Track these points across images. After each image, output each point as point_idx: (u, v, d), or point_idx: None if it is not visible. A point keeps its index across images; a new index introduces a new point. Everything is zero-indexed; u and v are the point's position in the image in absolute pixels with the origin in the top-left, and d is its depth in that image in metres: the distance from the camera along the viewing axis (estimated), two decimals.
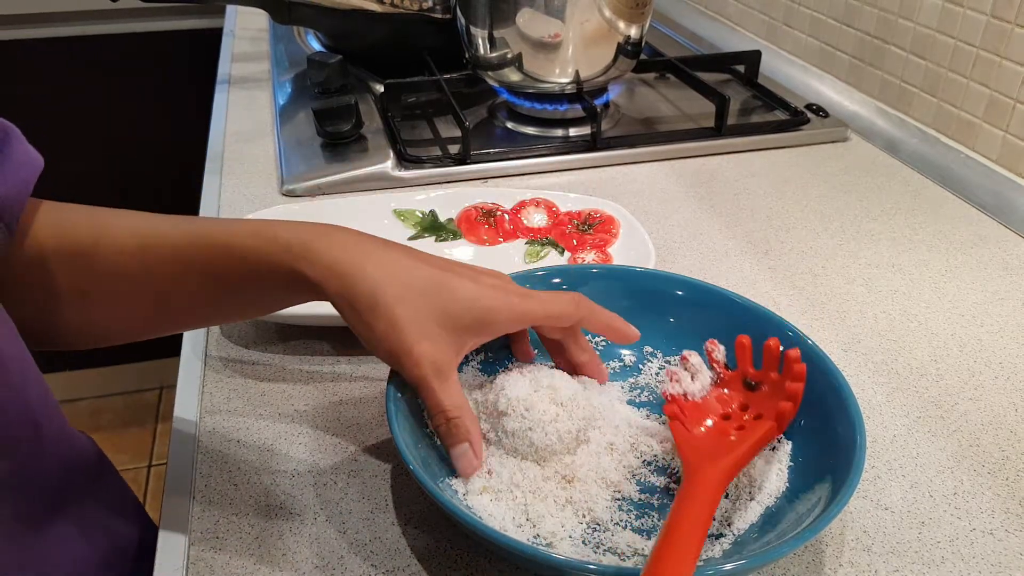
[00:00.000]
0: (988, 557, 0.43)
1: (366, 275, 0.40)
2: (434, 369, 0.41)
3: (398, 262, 0.42)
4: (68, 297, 0.43)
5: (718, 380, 0.49)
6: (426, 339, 0.41)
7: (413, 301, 0.41)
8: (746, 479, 0.44)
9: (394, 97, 0.89)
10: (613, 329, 0.48)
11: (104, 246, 0.43)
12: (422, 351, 0.40)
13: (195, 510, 0.45)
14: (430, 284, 0.42)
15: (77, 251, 0.43)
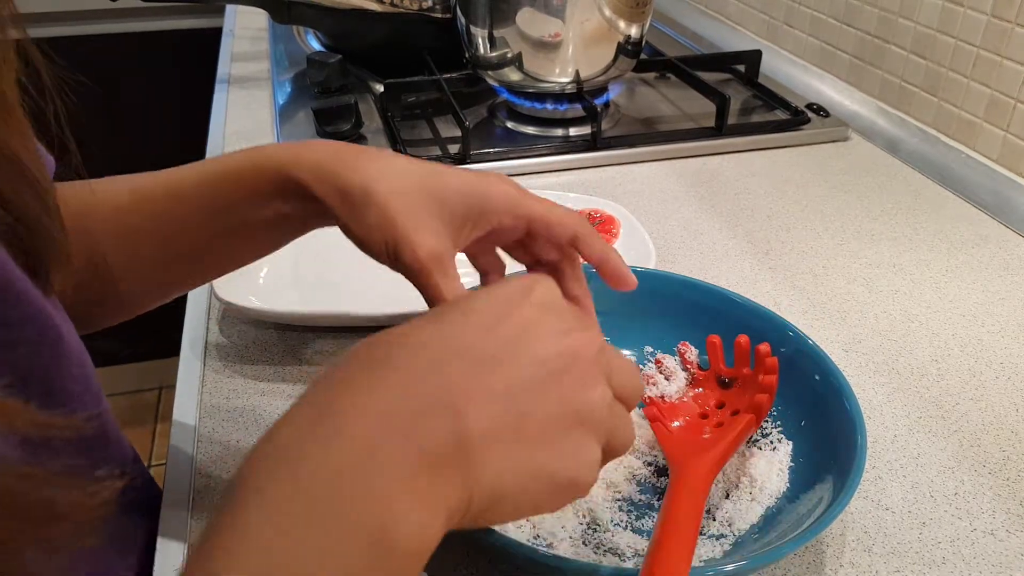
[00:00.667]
0: (989, 557, 0.43)
1: (357, 168, 0.39)
2: (433, 258, 0.38)
3: (390, 157, 0.41)
4: (83, 271, 0.42)
5: (692, 380, 0.50)
6: (422, 227, 0.38)
7: (407, 192, 0.39)
8: (747, 479, 0.44)
9: (394, 97, 0.89)
10: (608, 264, 0.41)
11: (101, 206, 0.43)
12: (418, 239, 0.38)
13: (194, 511, 0.45)
14: (423, 174, 0.40)
15: (75, 219, 0.42)
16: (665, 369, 0.51)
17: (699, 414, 0.48)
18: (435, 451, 0.26)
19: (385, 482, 0.25)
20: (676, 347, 0.52)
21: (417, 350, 0.29)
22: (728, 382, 0.49)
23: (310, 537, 0.24)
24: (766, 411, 0.45)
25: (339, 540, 0.24)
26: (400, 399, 0.27)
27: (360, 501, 0.25)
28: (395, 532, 0.25)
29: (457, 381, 0.28)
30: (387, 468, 0.25)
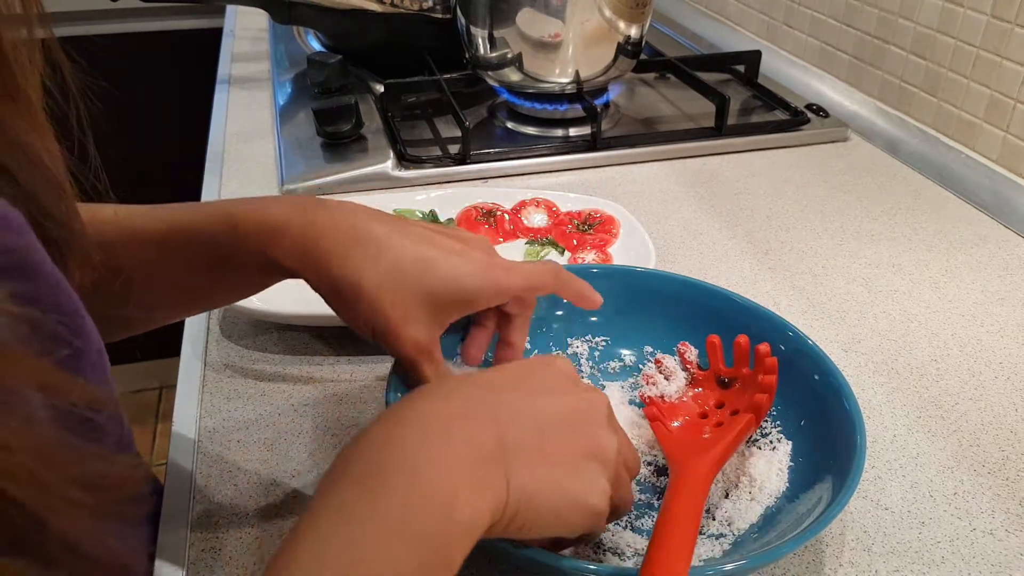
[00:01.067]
0: (988, 557, 0.43)
1: (345, 262, 0.40)
2: (420, 349, 0.42)
3: (379, 243, 0.41)
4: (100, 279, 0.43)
5: (692, 380, 0.50)
6: (409, 321, 0.41)
7: (396, 284, 0.41)
8: (746, 479, 0.44)
9: (394, 97, 0.89)
10: (582, 296, 0.47)
11: (108, 238, 0.43)
12: (406, 332, 0.41)
13: (195, 510, 0.45)
14: (413, 265, 0.41)
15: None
16: (665, 369, 0.51)
17: (699, 414, 0.48)
18: (484, 447, 0.32)
19: (450, 471, 0.31)
20: (676, 347, 0.52)
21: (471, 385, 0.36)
22: (728, 382, 0.49)
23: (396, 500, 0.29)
24: (766, 411, 0.45)
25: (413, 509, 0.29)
26: (458, 406, 0.34)
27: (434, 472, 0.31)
28: (458, 502, 0.30)
29: (497, 407, 0.35)
30: (451, 450, 0.31)
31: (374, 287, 0.40)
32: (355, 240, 0.41)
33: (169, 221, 0.44)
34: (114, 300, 0.42)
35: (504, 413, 0.34)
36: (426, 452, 0.31)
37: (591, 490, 0.35)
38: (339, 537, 0.29)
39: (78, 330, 0.32)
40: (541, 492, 0.33)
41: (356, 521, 0.29)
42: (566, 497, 0.34)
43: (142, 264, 0.44)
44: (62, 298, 0.32)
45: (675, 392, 0.49)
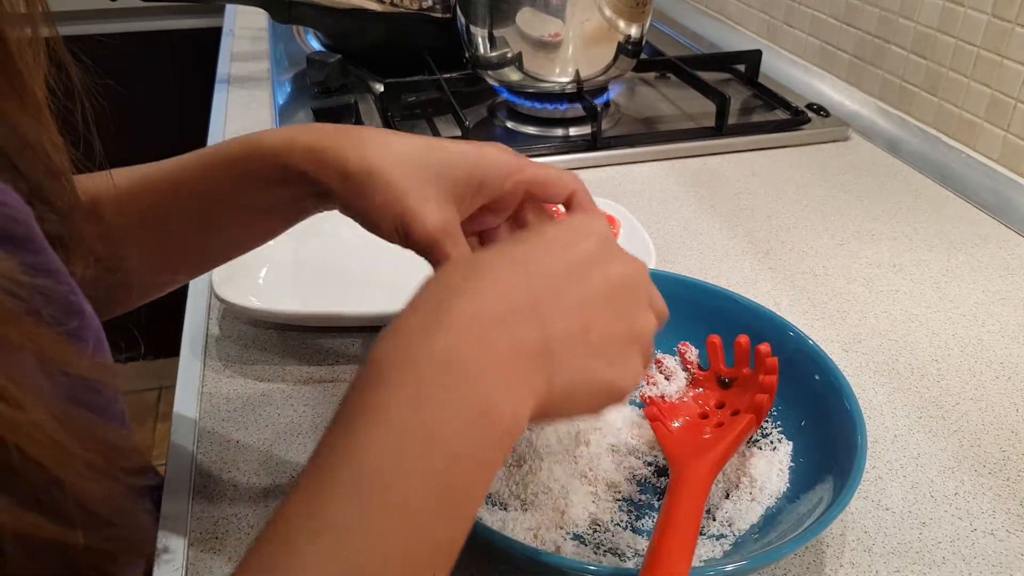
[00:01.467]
0: (989, 558, 0.43)
1: (356, 147, 0.40)
2: (442, 230, 0.40)
3: (387, 135, 0.41)
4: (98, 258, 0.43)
5: (692, 380, 0.50)
6: (427, 201, 0.40)
7: (407, 166, 0.40)
8: (747, 479, 0.44)
9: (394, 96, 0.89)
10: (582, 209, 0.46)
11: (103, 202, 0.44)
12: (426, 213, 0.39)
13: (194, 510, 0.45)
14: (422, 147, 0.41)
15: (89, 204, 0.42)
16: (665, 369, 0.51)
17: (699, 414, 0.48)
18: (526, 348, 0.31)
19: (488, 369, 0.30)
20: (676, 347, 0.52)
21: (510, 266, 0.33)
22: (728, 382, 0.49)
23: (428, 412, 0.28)
24: (766, 411, 0.45)
25: (453, 414, 0.29)
26: (498, 305, 0.31)
27: (470, 383, 0.29)
28: (496, 410, 0.29)
29: (541, 294, 0.32)
30: (489, 357, 0.30)
31: (387, 171, 0.39)
32: (364, 137, 0.41)
33: (181, 160, 0.44)
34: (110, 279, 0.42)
35: (547, 304, 0.32)
36: (465, 360, 0.30)
37: (626, 375, 0.34)
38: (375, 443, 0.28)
39: (80, 312, 0.32)
40: (580, 385, 0.33)
41: (392, 427, 0.28)
42: (602, 387, 0.34)
43: (156, 209, 0.44)
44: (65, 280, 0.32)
45: (675, 392, 0.49)
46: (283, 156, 0.41)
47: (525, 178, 0.42)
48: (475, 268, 0.33)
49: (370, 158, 0.40)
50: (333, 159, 0.40)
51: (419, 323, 0.31)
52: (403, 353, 0.30)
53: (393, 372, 0.30)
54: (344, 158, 0.40)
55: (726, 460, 0.43)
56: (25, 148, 0.32)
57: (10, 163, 0.31)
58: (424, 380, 0.29)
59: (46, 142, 0.34)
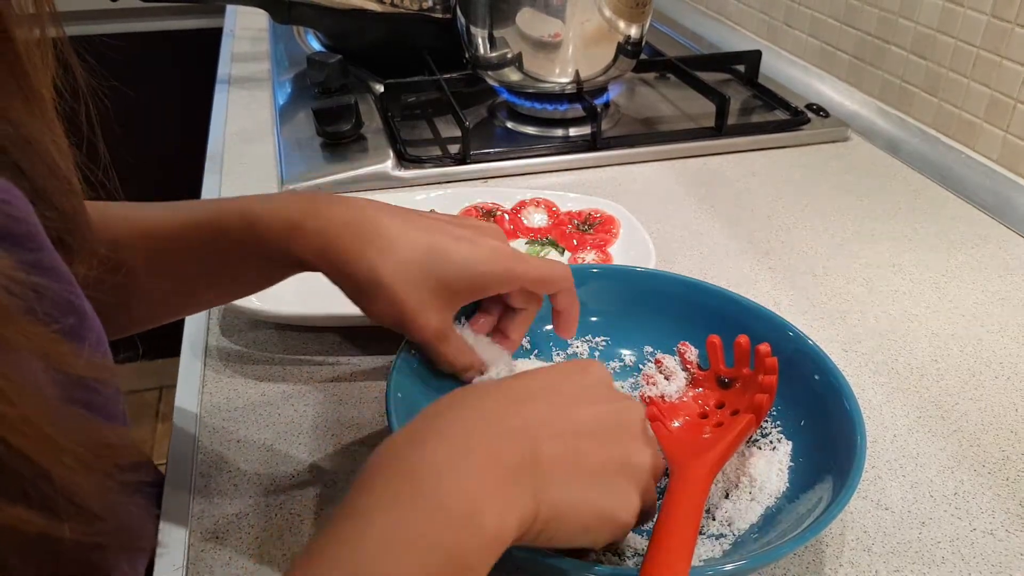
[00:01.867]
0: (988, 557, 0.43)
1: (363, 258, 0.42)
2: (437, 334, 0.44)
3: (391, 236, 0.43)
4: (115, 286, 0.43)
5: (692, 380, 0.50)
6: (424, 308, 0.43)
7: (410, 276, 0.42)
8: (746, 479, 0.44)
9: (394, 97, 0.89)
10: (570, 314, 0.48)
11: (115, 236, 0.44)
12: (423, 320, 0.43)
13: (195, 510, 0.45)
14: (425, 254, 0.43)
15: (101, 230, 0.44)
16: (665, 369, 0.51)
17: (699, 414, 0.48)
18: (514, 467, 0.32)
19: (475, 482, 0.31)
20: (676, 347, 0.52)
21: (502, 396, 0.35)
22: (728, 382, 0.49)
23: (415, 514, 0.29)
24: (766, 411, 0.45)
25: (439, 516, 0.29)
26: (487, 424, 0.33)
27: (453, 485, 0.30)
28: (481, 516, 0.30)
29: (533, 419, 0.34)
30: (476, 472, 0.31)
31: (389, 281, 0.42)
32: (369, 235, 0.42)
33: (182, 218, 0.45)
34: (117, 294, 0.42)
35: (537, 425, 0.34)
36: (452, 466, 0.31)
37: (622, 506, 0.35)
38: (361, 546, 0.29)
39: (80, 311, 0.32)
40: (572, 508, 0.33)
41: (378, 530, 0.29)
42: (596, 514, 0.34)
43: (153, 260, 0.45)
44: (64, 279, 0.32)
45: (675, 392, 0.49)
46: (288, 244, 0.42)
47: (522, 282, 0.45)
48: (469, 396, 0.35)
49: (377, 268, 0.42)
50: (340, 262, 0.42)
51: (409, 436, 0.33)
52: (391, 461, 0.32)
53: (380, 479, 0.31)
54: (351, 266, 0.42)
55: (726, 460, 0.43)
56: (29, 148, 0.32)
57: (13, 163, 0.32)
58: (410, 485, 0.30)
59: (50, 143, 0.34)
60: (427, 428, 0.33)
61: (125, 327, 0.48)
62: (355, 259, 0.42)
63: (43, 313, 0.27)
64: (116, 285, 0.42)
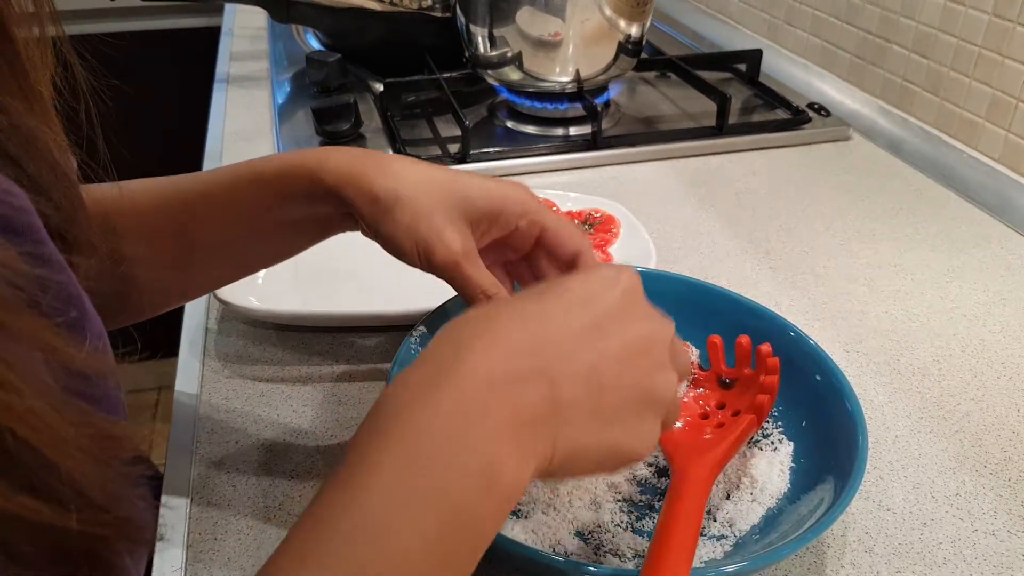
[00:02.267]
0: (990, 558, 0.43)
1: (385, 172, 0.42)
2: (464, 253, 0.42)
3: (413, 163, 0.44)
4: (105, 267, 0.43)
5: (693, 381, 0.50)
6: (448, 226, 0.42)
7: (432, 194, 0.42)
8: (748, 480, 0.44)
9: (393, 96, 0.89)
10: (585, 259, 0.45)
11: (127, 206, 0.45)
12: (451, 236, 0.42)
13: (194, 510, 0.45)
14: (446, 177, 0.43)
15: (103, 218, 0.44)
16: None
17: (700, 415, 0.47)
18: (531, 412, 0.30)
19: (491, 431, 0.29)
20: None
21: (523, 323, 0.32)
22: (729, 382, 0.48)
23: (429, 469, 0.28)
24: (767, 412, 0.45)
25: (453, 473, 0.28)
26: (506, 366, 0.31)
27: (471, 443, 0.29)
28: (498, 472, 0.29)
29: (551, 356, 0.32)
30: (492, 420, 0.30)
31: (411, 194, 0.42)
32: (390, 160, 0.43)
33: (213, 173, 0.46)
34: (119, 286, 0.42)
35: (557, 366, 0.31)
36: (469, 418, 0.29)
37: (640, 442, 0.33)
38: (373, 495, 0.28)
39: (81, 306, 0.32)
40: (588, 448, 0.32)
41: (391, 480, 0.28)
42: (613, 451, 0.33)
43: (184, 219, 0.45)
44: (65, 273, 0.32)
45: None
46: (316, 173, 0.42)
47: (540, 220, 0.44)
48: (487, 324, 0.32)
49: (398, 182, 0.42)
50: (363, 180, 0.42)
51: (425, 378, 0.31)
52: (407, 408, 0.30)
53: (395, 427, 0.29)
54: (372, 181, 0.42)
55: (727, 461, 0.43)
56: (29, 146, 0.32)
57: (13, 160, 0.32)
58: (424, 438, 0.29)
59: (51, 141, 0.34)
60: (443, 370, 0.31)
61: (139, 310, 0.48)
62: (378, 175, 0.42)
63: (46, 306, 0.27)
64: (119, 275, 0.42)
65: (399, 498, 0.28)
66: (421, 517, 0.28)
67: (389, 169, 0.42)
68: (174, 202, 0.46)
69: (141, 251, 0.45)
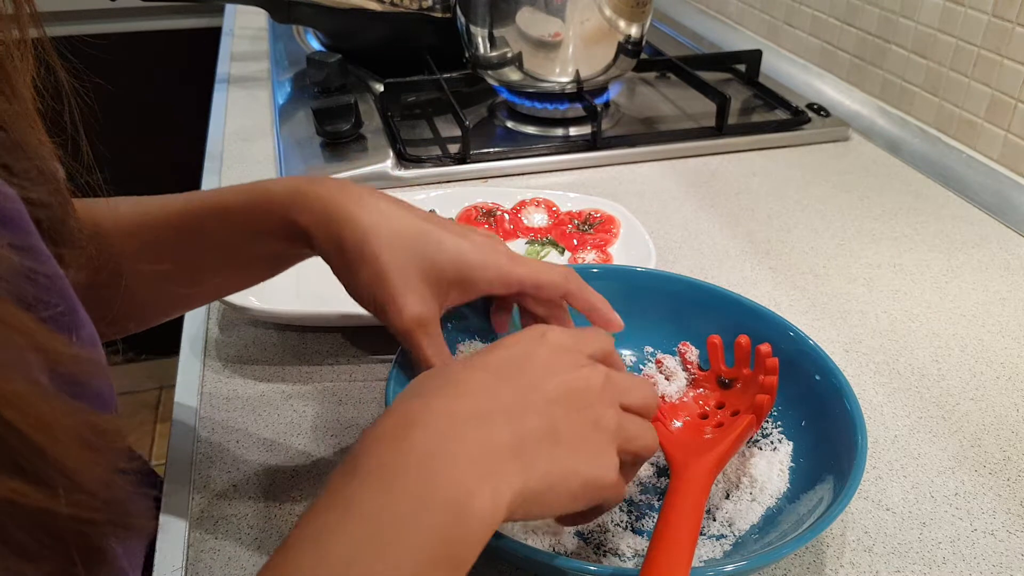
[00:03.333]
0: (989, 558, 0.43)
1: (355, 221, 0.41)
2: (417, 321, 0.41)
3: (388, 210, 0.42)
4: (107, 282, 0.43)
5: (693, 381, 0.50)
6: (410, 291, 0.41)
7: (400, 250, 0.41)
8: (747, 480, 0.44)
9: (394, 96, 0.89)
10: (597, 311, 0.46)
11: (104, 231, 0.44)
12: (405, 302, 0.41)
13: (194, 510, 0.45)
14: (418, 234, 0.42)
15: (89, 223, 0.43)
16: (665, 369, 0.51)
17: (699, 414, 0.47)
18: (498, 445, 0.32)
19: (460, 465, 0.31)
20: (676, 347, 0.52)
21: (479, 373, 0.35)
22: (728, 382, 0.49)
23: (399, 499, 0.29)
24: (767, 412, 0.45)
25: (424, 503, 0.29)
26: (469, 407, 0.33)
27: (442, 478, 0.30)
28: (471, 504, 0.30)
29: (508, 399, 0.34)
30: (461, 455, 0.31)
31: (378, 250, 0.41)
32: (367, 205, 0.42)
33: (185, 202, 0.45)
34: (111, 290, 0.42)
35: (515, 405, 0.34)
36: (441, 453, 0.31)
37: (602, 466, 0.35)
38: (345, 533, 0.28)
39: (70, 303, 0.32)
40: (559, 478, 0.33)
41: (363, 517, 0.29)
42: (583, 481, 0.34)
43: (153, 247, 0.45)
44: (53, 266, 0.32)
45: (676, 393, 0.49)
46: (288, 212, 0.42)
47: (516, 281, 0.44)
48: (447, 377, 0.35)
49: (366, 234, 0.41)
50: (332, 226, 0.41)
51: (394, 423, 0.32)
52: (377, 449, 0.31)
53: (367, 467, 0.31)
54: (341, 228, 0.41)
55: (726, 460, 0.43)
56: (14, 148, 0.32)
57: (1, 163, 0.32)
58: (398, 473, 0.30)
59: (35, 143, 0.34)
60: (411, 416, 0.32)
61: (126, 324, 0.48)
62: (349, 223, 0.41)
63: (32, 298, 0.27)
64: (109, 282, 0.42)
65: (370, 534, 0.28)
66: (393, 553, 0.28)
67: (361, 216, 0.41)
68: (149, 228, 0.45)
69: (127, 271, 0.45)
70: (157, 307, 0.49)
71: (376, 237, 0.41)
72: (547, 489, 0.33)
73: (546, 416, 0.34)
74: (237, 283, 0.50)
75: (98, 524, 0.26)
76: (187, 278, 0.47)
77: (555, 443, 0.34)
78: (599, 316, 0.47)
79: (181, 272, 0.46)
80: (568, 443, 0.34)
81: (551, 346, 0.38)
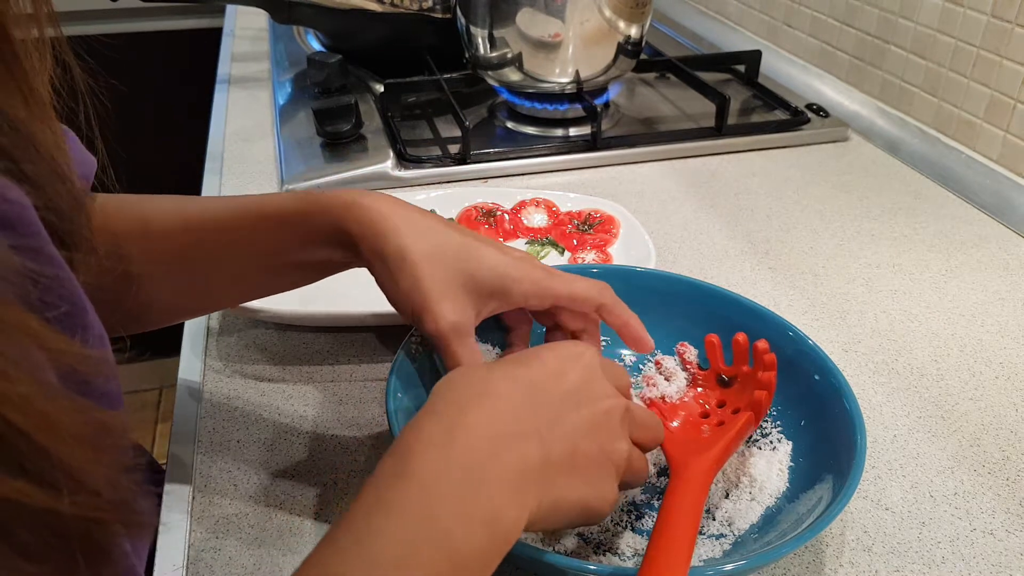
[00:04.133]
0: (989, 557, 0.43)
1: (400, 233, 0.43)
2: (452, 328, 0.43)
3: (432, 226, 0.44)
4: (118, 282, 0.43)
5: (692, 380, 0.50)
6: (447, 299, 0.43)
7: (439, 261, 0.43)
8: (747, 479, 0.44)
9: (394, 97, 0.89)
10: (629, 329, 0.47)
11: (153, 230, 0.45)
12: (442, 310, 0.42)
13: (195, 510, 0.45)
14: (459, 247, 0.44)
15: (127, 237, 0.45)
16: (664, 370, 0.51)
17: (699, 413, 0.48)
18: (529, 466, 0.34)
19: (495, 484, 0.33)
20: (675, 348, 0.52)
21: (515, 387, 0.36)
22: (728, 380, 0.49)
23: (440, 512, 0.31)
24: (766, 408, 0.45)
25: (463, 518, 0.31)
26: (509, 425, 0.34)
27: (479, 495, 0.32)
28: (500, 520, 0.32)
29: (544, 418, 0.36)
30: (497, 474, 0.33)
31: (418, 259, 0.42)
32: (413, 218, 0.44)
33: (234, 207, 0.46)
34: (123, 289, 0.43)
35: (547, 428, 0.35)
36: (480, 469, 0.32)
37: (603, 498, 0.37)
38: (391, 536, 0.30)
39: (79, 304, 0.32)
40: (566, 503, 0.35)
41: (408, 526, 0.30)
42: (584, 508, 0.36)
43: (195, 250, 0.46)
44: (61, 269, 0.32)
45: (676, 393, 0.49)
46: (343, 222, 0.43)
47: (551, 295, 0.45)
48: (487, 387, 0.36)
49: (410, 245, 0.42)
50: (379, 238, 0.42)
51: (439, 431, 0.34)
52: (422, 458, 0.33)
53: (414, 473, 0.32)
54: (386, 239, 0.42)
55: (726, 459, 0.43)
56: (29, 148, 0.32)
57: (13, 162, 0.32)
58: (441, 486, 0.32)
59: (50, 143, 0.34)
60: (453, 427, 0.34)
61: (155, 319, 0.48)
62: (393, 235, 0.42)
63: (37, 299, 0.27)
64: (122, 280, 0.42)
65: (412, 541, 0.30)
66: (432, 560, 0.30)
67: (405, 229, 0.43)
68: (194, 231, 0.46)
69: (156, 272, 0.45)
70: (186, 307, 0.50)
71: (417, 247, 0.42)
72: (553, 511, 0.35)
73: (570, 443, 0.36)
74: (270, 288, 0.51)
75: (104, 523, 0.26)
76: (227, 280, 0.48)
77: (571, 470, 0.35)
78: (631, 332, 0.47)
79: (219, 274, 0.47)
80: (582, 471, 0.36)
81: (584, 368, 0.39)
